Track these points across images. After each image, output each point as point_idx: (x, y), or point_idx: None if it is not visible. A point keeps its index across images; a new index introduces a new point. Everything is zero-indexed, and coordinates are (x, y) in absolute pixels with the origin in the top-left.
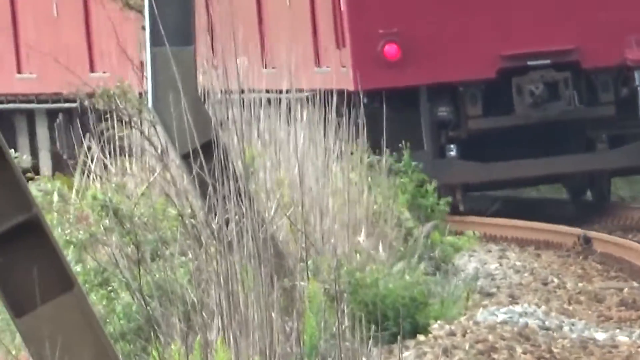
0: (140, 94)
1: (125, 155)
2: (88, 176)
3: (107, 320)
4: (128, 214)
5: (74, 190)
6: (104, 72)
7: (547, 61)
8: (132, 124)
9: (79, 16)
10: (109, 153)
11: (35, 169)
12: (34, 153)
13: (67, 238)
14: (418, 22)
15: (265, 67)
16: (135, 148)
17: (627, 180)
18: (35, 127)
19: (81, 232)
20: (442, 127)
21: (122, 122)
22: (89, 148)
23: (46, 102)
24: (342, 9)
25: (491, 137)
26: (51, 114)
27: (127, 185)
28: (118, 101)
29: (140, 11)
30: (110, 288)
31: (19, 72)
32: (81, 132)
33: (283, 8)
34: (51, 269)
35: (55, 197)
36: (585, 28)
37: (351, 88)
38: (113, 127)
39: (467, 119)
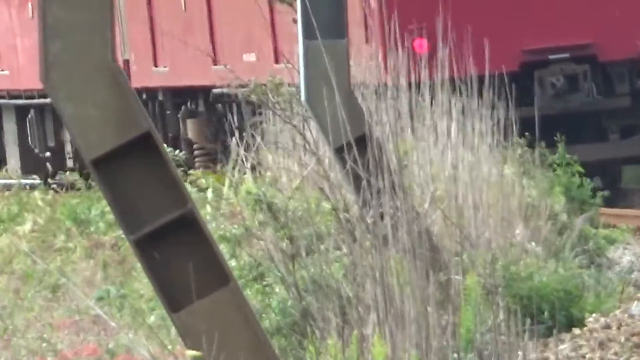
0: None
1: (278, 149)
2: (238, 171)
3: (263, 315)
4: (282, 208)
5: (226, 185)
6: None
7: (567, 55)
8: (285, 119)
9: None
10: (262, 147)
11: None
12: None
13: (222, 233)
14: (445, 18)
15: None
16: (288, 142)
17: None
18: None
19: (235, 226)
20: None
21: (275, 115)
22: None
23: (19, 97)
24: (371, 5)
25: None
26: (20, 110)
27: (280, 180)
28: (270, 95)
29: (291, 4)
30: (265, 283)
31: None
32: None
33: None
34: (207, 264)
35: (210, 193)
36: (601, 23)
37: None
38: (266, 121)
39: None
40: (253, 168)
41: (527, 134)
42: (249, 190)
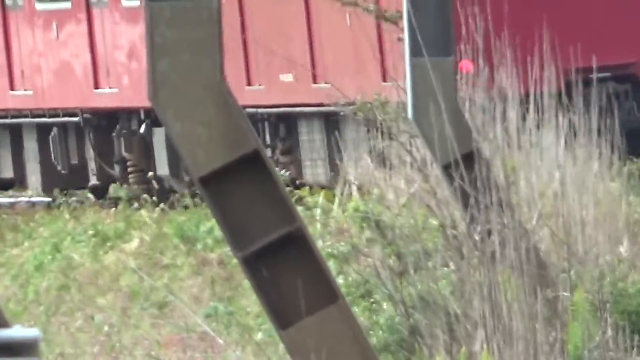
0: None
1: (385, 167)
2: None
3: (370, 331)
4: (389, 225)
5: (336, 203)
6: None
7: (609, 74)
8: (392, 135)
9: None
10: (371, 164)
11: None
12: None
13: (329, 250)
14: (491, 40)
15: None
16: (395, 159)
17: None
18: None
19: (342, 244)
20: None
21: (381, 133)
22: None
23: (42, 116)
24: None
25: None
26: (41, 128)
27: (388, 197)
28: (377, 112)
29: (396, 23)
30: (372, 300)
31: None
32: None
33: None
34: (315, 281)
35: (318, 210)
36: None
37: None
38: (374, 138)
39: None
40: (360, 186)
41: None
42: (357, 207)
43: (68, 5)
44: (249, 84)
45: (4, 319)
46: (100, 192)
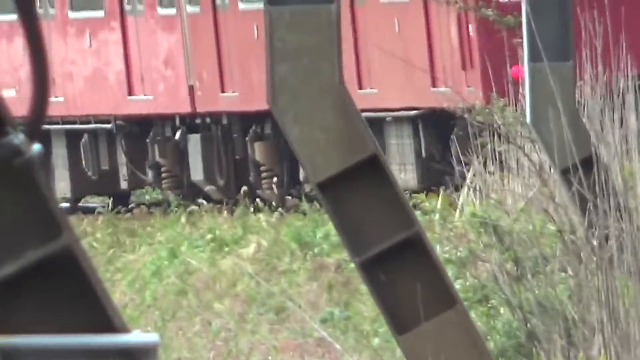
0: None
1: (503, 171)
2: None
3: (488, 336)
4: (507, 230)
5: (458, 210)
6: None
7: None
8: (510, 140)
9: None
10: (488, 169)
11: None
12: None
13: (447, 256)
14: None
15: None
16: (513, 164)
17: None
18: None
19: (460, 249)
20: None
21: (499, 137)
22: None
23: (73, 123)
24: (470, 35)
25: None
26: (70, 135)
27: (505, 202)
28: (496, 117)
29: (514, 28)
30: (490, 305)
31: (360, 88)
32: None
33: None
34: (433, 286)
35: (437, 215)
36: None
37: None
38: (491, 143)
39: None
40: (478, 190)
41: None
42: (474, 212)
43: (101, 14)
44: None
45: (123, 324)
46: (122, 200)
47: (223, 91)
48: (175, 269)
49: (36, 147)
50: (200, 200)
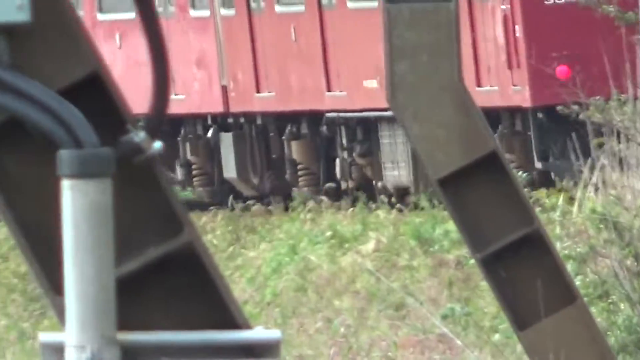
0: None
1: (623, 168)
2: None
3: (608, 332)
4: (627, 226)
5: (576, 206)
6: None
7: None
8: (630, 137)
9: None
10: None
11: None
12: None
13: (567, 252)
14: (583, 47)
15: None
16: (632, 160)
17: None
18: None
19: (580, 245)
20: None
21: (618, 134)
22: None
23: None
24: (517, 35)
25: None
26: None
27: (625, 198)
28: (614, 113)
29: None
30: (610, 300)
31: (329, 90)
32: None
33: None
34: (553, 282)
35: (557, 212)
36: None
37: (526, 105)
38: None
39: None
40: (597, 187)
41: None
42: (594, 209)
43: (132, 15)
44: (329, 89)
45: (244, 320)
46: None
47: (258, 91)
48: (296, 265)
49: (157, 144)
50: (320, 197)
